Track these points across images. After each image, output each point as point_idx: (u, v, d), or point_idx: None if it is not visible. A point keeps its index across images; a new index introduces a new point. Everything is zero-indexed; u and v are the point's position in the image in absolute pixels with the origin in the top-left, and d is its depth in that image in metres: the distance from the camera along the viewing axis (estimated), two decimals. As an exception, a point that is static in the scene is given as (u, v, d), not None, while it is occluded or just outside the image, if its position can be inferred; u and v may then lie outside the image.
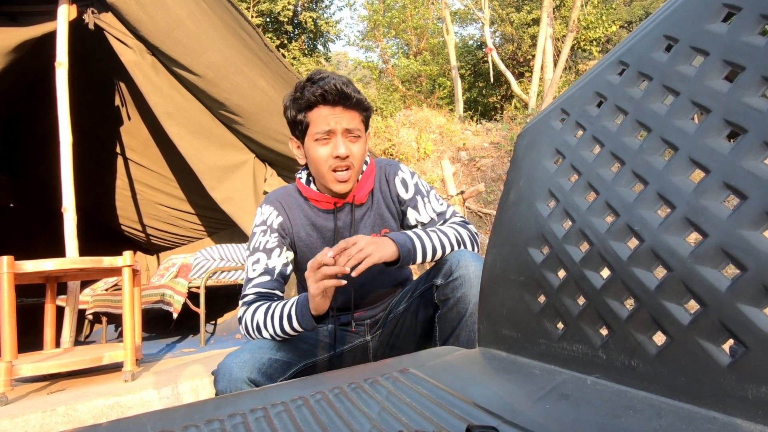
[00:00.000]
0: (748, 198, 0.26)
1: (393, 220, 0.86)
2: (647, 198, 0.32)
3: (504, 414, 0.31)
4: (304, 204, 0.84)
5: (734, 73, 0.28)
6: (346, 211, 0.83)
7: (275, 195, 0.85)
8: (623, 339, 0.31)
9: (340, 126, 0.75)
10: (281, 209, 0.83)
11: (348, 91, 0.75)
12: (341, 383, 0.41)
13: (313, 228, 0.83)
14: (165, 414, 0.39)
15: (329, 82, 0.74)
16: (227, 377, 0.67)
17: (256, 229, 0.82)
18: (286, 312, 0.70)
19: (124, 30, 1.76)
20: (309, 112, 0.76)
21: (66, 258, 1.48)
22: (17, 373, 1.21)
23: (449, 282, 0.72)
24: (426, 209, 0.84)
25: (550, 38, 6.67)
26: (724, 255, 0.27)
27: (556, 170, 0.40)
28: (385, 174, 0.86)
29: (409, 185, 0.85)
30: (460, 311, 0.71)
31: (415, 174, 0.88)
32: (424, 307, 0.78)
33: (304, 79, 0.77)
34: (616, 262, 0.32)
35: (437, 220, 0.83)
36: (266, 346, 0.72)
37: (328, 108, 0.75)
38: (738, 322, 0.26)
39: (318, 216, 0.83)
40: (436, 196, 0.86)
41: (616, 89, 0.36)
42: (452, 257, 0.74)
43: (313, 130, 0.76)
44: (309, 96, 0.74)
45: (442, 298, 0.74)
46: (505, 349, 0.42)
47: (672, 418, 0.27)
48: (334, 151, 0.76)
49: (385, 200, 0.85)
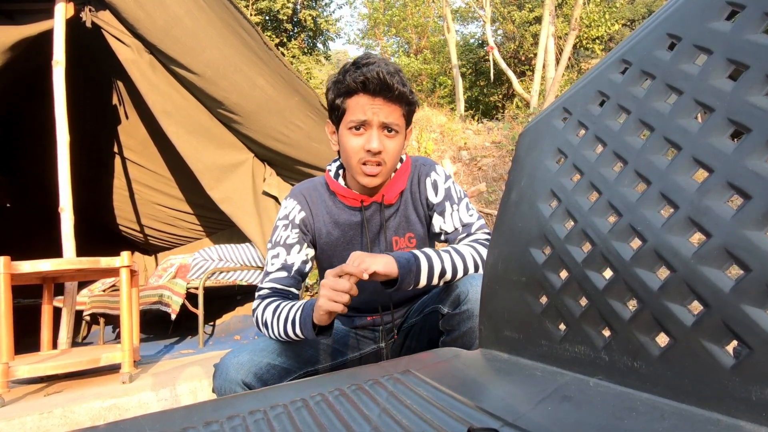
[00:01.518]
0: (751, 198, 0.26)
1: (420, 224, 0.81)
2: (650, 198, 0.31)
3: (505, 416, 0.31)
4: (329, 199, 0.80)
5: (738, 71, 0.28)
6: (372, 210, 0.79)
7: (301, 188, 0.82)
8: (626, 340, 0.31)
9: (377, 118, 0.70)
10: (305, 204, 0.79)
11: (392, 82, 0.69)
12: (342, 385, 0.40)
13: (335, 226, 0.79)
14: (163, 416, 0.38)
15: (373, 70, 0.68)
16: (223, 376, 0.66)
17: (279, 223, 0.80)
18: (291, 315, 0.68)
19: (121, 28, 1.75)
20: (348, 99, 0.71)
21: (63, 258, 1.48)
22: (14, 375, 1.20)
23: (456, 314, 0.67)
24: (452, 218, 0.78)
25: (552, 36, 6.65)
26: (728, 255, 0.27)
27: (558, 170, 0.40)
28: (418, 174, 0.80)
29: (440, 189, 0.79)
30: (465, 344, 0.66)
31: (450, 178, 0.82)
32: (431, 327, 0.75)
33: (350, 61, 0.73)
34: (619, 262, 0.32)
35: (461, 232, 0.77)
36: (269, 348, 0.71)
37: (368, 97, 0.70)
38: (742, 324, 0.25)
39: (342, 213, 0.79)
40: (468, 206, 0.80)
41: (619, 88, 0.36)
42: (463, 285, 0.68)
43: (349, 117, 0.71)
44: (350, 81, 0.69)
45: (448, 327, 0.69)
46: (507, 351, 0.42)
47: (675, 420, 0.27)
48: (366, 144, 0.71)
49: (414, 202, 0.80)
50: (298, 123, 2.01)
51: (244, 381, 0.65)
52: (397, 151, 0.75)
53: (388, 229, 0.79)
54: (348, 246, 0.81)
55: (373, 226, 0.80)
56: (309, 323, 0.65)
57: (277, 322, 0.69)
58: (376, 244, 0.80)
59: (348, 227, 0.80)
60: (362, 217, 0.79)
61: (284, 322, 0.68)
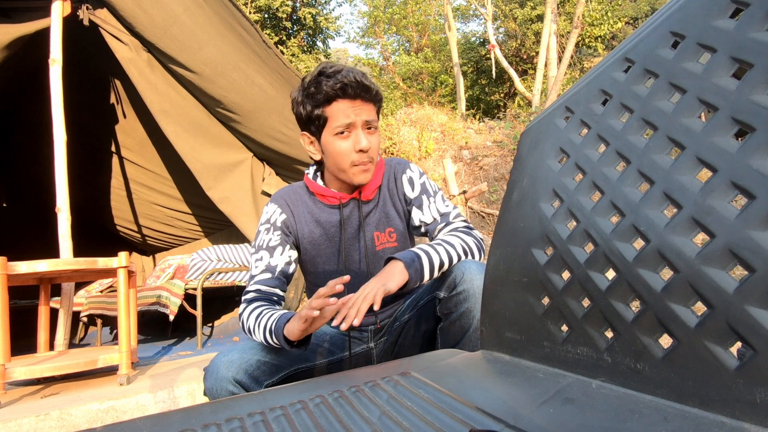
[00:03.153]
0: (756, 198, 0.26)
1: (399, 219, 0.84)
2: (653, 198, 0.31)
3: (507, 418, 0.31)
4: (308, 200, 0.83)
5: (742, 70, 0.28)
6: (351, 206, 0.82)
7: (281, 193, 0.85)
8: (629, 342, 0.31)
9: (360, 119, 0.74)
10: (285, 207, 0.82)
11: (368, 83, 0.73)
12: (341, 386, 0.40)
13: (317, 224, 0.82)
14: (161, 418, 0.38)
15: (348, 75, 0.72)
16: (213, 376, 0.66)
17: (261, 227, 0.82)
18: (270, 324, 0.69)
19: (119, 26, 1.74)
20: (327, 107, 0.74)
21: (60, 259, 1.47)
22: (10, 377, 1.20)
23: (452, 296, 0.70)
24: (430, 209, 0.82)
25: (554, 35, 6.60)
26: (732, 256, 0.26)
27: (561, 169, 0.39)
28: (393, 172, 0.85)
29: (416, 184, 0.84)
30: (463, 326, 0.69)
31: (423, 174, 0.86)
32: (427, 318, 0.77)
33: (314, 73, 0.75)
34: (622, 263, 0.32)
35: (440, 221, 0.82)
36: (258, 346, 0.71)
37: (348, 101, 0.73)
38: (746, 325, 0.25)
39: (322, 211, 0.82)
40: (443, 198, 0.85)
41: (622, 87, 0.35)
42: (457, 269, 0.72)
43: (333, 124, 0.74)
44: (327, 90, 0.72)
45: (445, 311, 0.71)
46: (509, 352, 0.41)
47: (679, 422, 0.27)
48: (356, 145, 0.74)
49: (392, 198, 0.84)
50: (297, 122, 2.00)
51: (235, 378, 0.65)
52: (379, 145, 0.80)
53: (368, 225, 0.82)
54: (330, 243, 0.82)
55: (353, 221, 0.82)
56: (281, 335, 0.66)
57: (258, 328, 0.71)
58: (357, 239, 0.82)
59: (329, 225, 0.82)
60: (340, 214, 0.81)
61: (264, 330, 0.69)
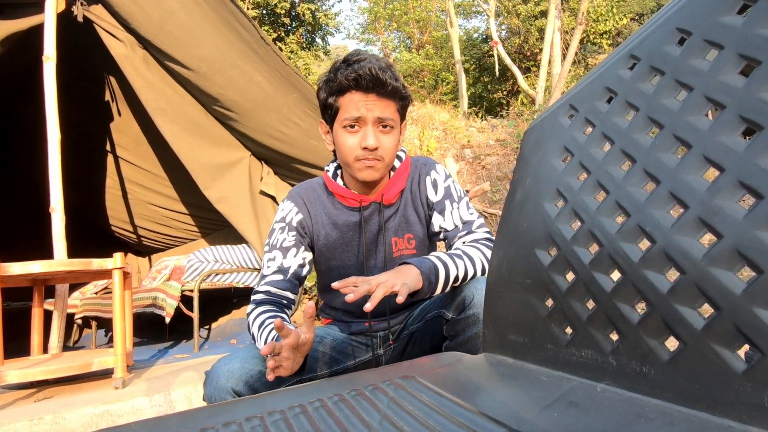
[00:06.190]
0: (764, 197, 0.25)
1: (419, 224, 0.80)
2: (659, 197, 0.31)
3: (510, 423, 0.30)
4: (327, 200, 0.79)
5: (750, 67, 0.28)
6: (371, 210, 0.78)
7: (298, 190, 0.81)
8: (634, 344, 0.30)
9: (372, 114, 0.70)
10: (303, 206, 0.79)
11: (384, 77, 0.69)
12: (341, 390, 0.39)
13: (334, 227, 0.79)
14: (157, 422, 0.38)
15: (364, 66, 0.68)
16: (213, 384, 0.65)
17: (275, 225, 0.79)
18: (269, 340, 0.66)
19: (114, 23, 1.72)
20: (340, 97, 0.71)
21: (54, 260, 1.45)
22: (3, 380, 1.18)
23: (460, 319, 0.67)
24: (452, 215, 0.77)
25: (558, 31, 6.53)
26: (739, 257, 0.26)
27: (565, 169, 0.39)
28: (419, 173, 0.80)
29: (440, 187, 0.79)
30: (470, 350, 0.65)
31: (450, 177, 0.82)
32: (434, 332, 0.74)
33: (341, 59, 0.72)
34: (627, 264, 0.31)
35: (461, 230, 0.77)
36: (261, 356, 0.69)
37: (361, 94, 0.69)
38: (754, 327, 0.25)
39: (341, 214, 0.78)
40: (468, 204, 0.80)
41: (627, 84, 0.35)
42: (468, 289, 0.68)
43: (343, 115, 0.71)
44: (341, 79, 0.69)
45: (452, 333, 0.68)
46: (512, 355, 0.41)
47: (685, 426, 0.26)
48: (362, 142, 0.70)
49: (414, 202, 0.79)
50: (296, 120, 1.99)
51: (234, 389, 0.64)
52: (394, 146, 0.74)
53: (387, 230, 0.79)
54: (347, 248, 0.80)
55: (372, 226, 0.79)
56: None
57: (260, 339, 0.69)
58: (375, 245, 0.79)
59: (347, 228, 0.79)
60: (360, 218, 0.78)
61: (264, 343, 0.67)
